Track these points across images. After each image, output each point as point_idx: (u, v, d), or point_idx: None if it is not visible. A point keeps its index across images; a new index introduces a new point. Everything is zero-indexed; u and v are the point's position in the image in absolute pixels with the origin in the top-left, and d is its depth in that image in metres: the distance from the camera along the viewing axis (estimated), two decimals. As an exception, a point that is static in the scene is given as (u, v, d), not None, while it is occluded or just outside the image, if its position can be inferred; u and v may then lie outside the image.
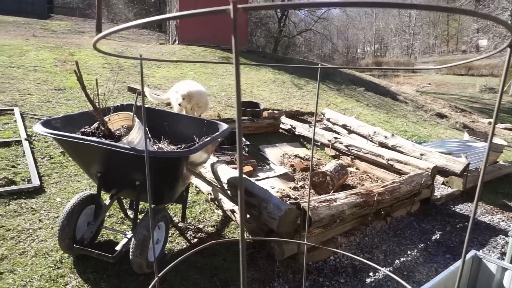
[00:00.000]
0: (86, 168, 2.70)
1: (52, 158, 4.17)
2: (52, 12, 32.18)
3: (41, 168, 3.92)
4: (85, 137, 2.30)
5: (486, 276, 2.21)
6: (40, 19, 22.73)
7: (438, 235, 3.76)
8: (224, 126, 3.15)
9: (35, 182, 3.57)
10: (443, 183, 4.97)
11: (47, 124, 2.50)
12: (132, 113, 2.62)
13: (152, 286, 0.94)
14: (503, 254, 3.50)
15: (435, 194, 4.49)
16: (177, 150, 2.76)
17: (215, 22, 14.57)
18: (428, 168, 4.37)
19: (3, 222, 2.97)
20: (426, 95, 15.60)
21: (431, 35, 51.73)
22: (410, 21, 52.34)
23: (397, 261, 3.26)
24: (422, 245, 3.56)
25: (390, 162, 4.80)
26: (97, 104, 2.45)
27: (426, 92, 18.48)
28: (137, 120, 2.56)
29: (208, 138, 2.73)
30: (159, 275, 0.91)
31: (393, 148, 5.28)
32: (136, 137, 2.39)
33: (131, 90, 7.10)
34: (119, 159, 2.37)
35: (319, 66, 0.95)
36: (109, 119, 2.62)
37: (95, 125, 2.52)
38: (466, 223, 4.07)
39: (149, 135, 2.87)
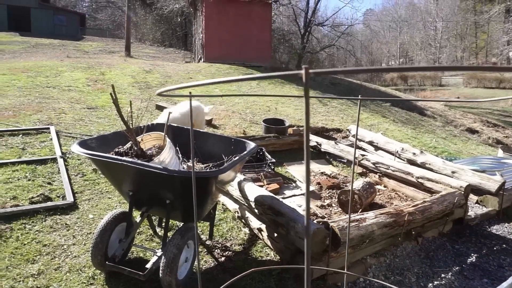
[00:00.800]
0: (119, 186, 2.78)
1: (85, 175, 4.32)
2: (84, 33, 33.89)
3: (74, 185, 4.07)
4: (119, 157, 2.38)
5: (529, 304, 2.09)
6: (73, 41, 23.98)
7: (474, 257, 3.60)
8: (251, 145, 3.17)
9: (69, 198, 3.71)
10: (476, 202, 4.77)
11: (83, 144, 2.61)
12: (163, 133, 2.69)
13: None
14: (545, 279, 3.30)
15: (468, 214, 4.31)
16: (207, 170, 2.80)
17: (239, 41, 14.88)
18: (460, 186, 4.22)
19: (40, 237, 3.09)
20: (455, 110, 15.18)
21: (459, 48, 50.56)
22: (436, 35, 51.42)
23: (430, 284, 3.14)
24: (457, 268, 3.41)
25: (420, 180, 4.67)
26: (130, 125, 2.55)
27: (455, 106, 17.98)
28: (168, 140, 2.64)
29: (237, 158, 2.76)
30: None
31: (422, 166, 5.14)
32: (167, 157, 2.45)
33: (159, 108, 7.30)
34: (151, 178, 2.44)
35: (359, 98, 0.96)
36: (141, 139, 2.71)
37: (128, 145, 2.61)
38: (504, 245, 3.87)
39: (180, 154, 2.94)
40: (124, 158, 2.36)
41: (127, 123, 2.46)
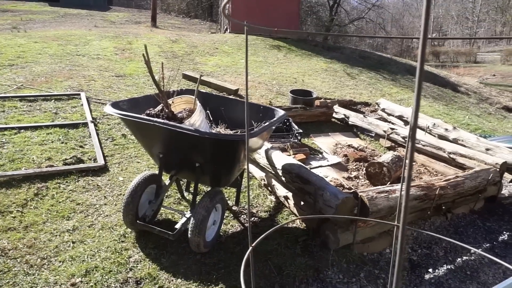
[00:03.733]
0: (149, 148, 2.82)
1: (114, 140, 4.42)
2: (111, 4, 33.88)
3: (105, 148, 4.17)
4: (151, 118, 2.39)
5: None
6: (100, 11, 24.07)
7: (506, 235, 3.49)
8: (280, 112, 3.12)
9: (100, 161, 3.81)
10: (511, 181, 4.58)
11: (115, 105, 2.63)
12: (194, 97, 2.68)
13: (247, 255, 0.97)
14: None
15: (502, 192, 4.15)
16: (238, 134, 2.78)
17: (266, 12, 14.50)
18: (496, 163, 4.04)
19: (74, 196, 3.20)
20: (490, 87, 14.44)
21: (499, 22, 47.46)
22: (474, 7, 48.34)
23: (458, 259, 3.08)
24: (487, 245, 3.32)
25: (452, 155, 4.51)
26: (161, 87, 2.54)
27: (491, 84, 17.08)
28: (198, 103, 2.62)
29: (266, 123, 2.73)
30: (253, 244, 0.93)
31: (454, 142, 4.94)
32: (198, 120, 2.45)
33: (186, 77, 7.30)
34: (182, 140, 2.45)
35: (430, 37, 0.87)
36: (172, 102, 2.71)
37: (159, 107, 2.61)
38: (540, 225, 3.73)
39: (211, 119, 2.93)
40: (155, 119, 2.37)
41: (159, 85, 2.45)
